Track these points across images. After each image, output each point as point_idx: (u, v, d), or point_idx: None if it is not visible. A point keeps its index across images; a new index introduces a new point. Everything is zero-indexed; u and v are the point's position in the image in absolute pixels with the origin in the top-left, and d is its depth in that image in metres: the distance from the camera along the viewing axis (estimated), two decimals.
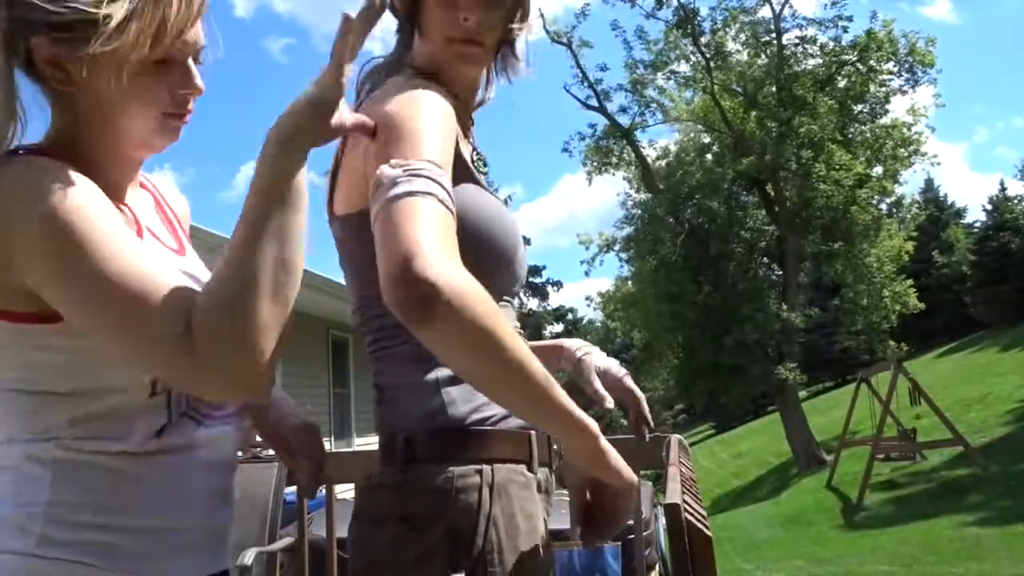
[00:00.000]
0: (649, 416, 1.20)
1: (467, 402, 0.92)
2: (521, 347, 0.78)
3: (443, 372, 0.93)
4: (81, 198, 0.79)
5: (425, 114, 0.89)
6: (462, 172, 0.97)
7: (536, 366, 0.80)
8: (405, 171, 0.81)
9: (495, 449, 0.92)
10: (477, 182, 1.01)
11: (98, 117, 0.88)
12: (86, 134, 0.89)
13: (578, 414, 0.86)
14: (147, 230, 0.94)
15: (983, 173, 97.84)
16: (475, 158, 1.07)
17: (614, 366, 1.23)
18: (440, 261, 0.73)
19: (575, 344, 1.26)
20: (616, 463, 0.91)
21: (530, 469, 0.95)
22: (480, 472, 0.89)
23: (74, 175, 0.81)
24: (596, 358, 1.23)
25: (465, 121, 1.06)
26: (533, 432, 0.96)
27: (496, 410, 0.93)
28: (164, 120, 0.90)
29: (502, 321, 0.76)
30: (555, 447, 1.03)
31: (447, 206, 0.80)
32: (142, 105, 0.88)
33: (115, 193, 0.90)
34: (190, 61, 0.90)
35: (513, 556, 0.89)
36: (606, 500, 0.96)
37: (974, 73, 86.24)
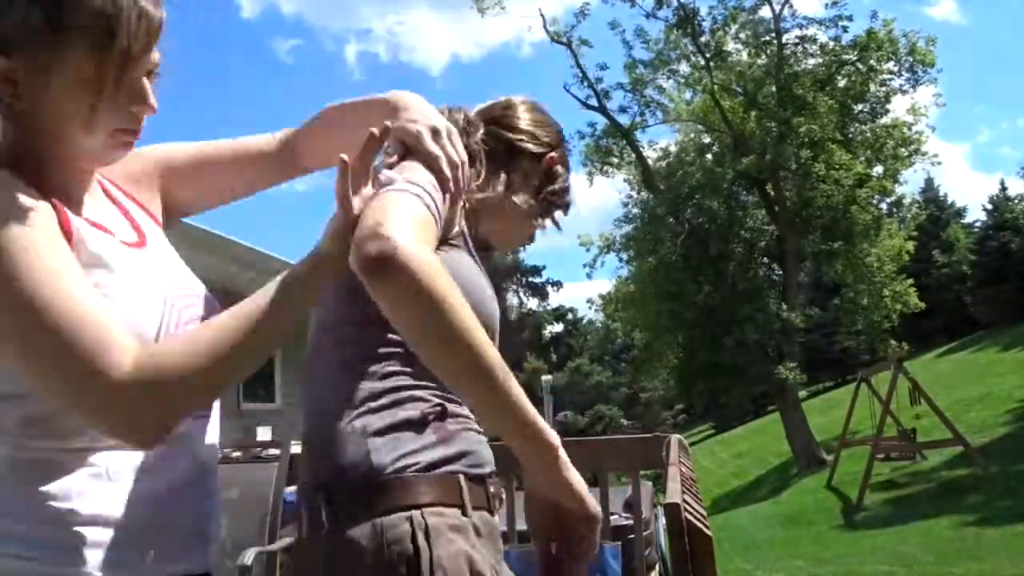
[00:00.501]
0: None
1: (391, 451, 0.89)
2: (475, 326, 0.80)
3: (371, 420, 0.90)
4: (21, 225, 0.79)
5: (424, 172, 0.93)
6: (459, 240, 1.02)
7: (492, 351, 0.81)
8: (403, 178, 0.86)
9: (420, 495, 0.87)
10: (472, 255, 1.03)
11: (49, 133, 0.87)
12: (36, 149, 0.88)
13: (535, 415, 0.84)
14: (100, 230, 0.91)
15: (986, 173, 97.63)
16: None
17: None
18: (405, 230, 0.78)
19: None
20: (577, 485, 0.89)
21: (464, 513, 0.90)
22: (410, 519, 0.85)
23: (20, 196, 0.81)
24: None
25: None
26: (462, 475, 0.92)
27: (421, 458, 0.89)
28: (116, 135, 0.90)
29: (457, 295, 0.79)
30: (492, 490, 0.98)
31: (432, 212, 0.85)
32: (96, 124, 0.87)
33: (69, 201, 0.89)
34: (144, 80, 0.89)
35: None
36: (568, 537, 0.92)
37: (979, 73, 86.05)
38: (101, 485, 0.84)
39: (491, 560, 0.92)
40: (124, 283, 0.87)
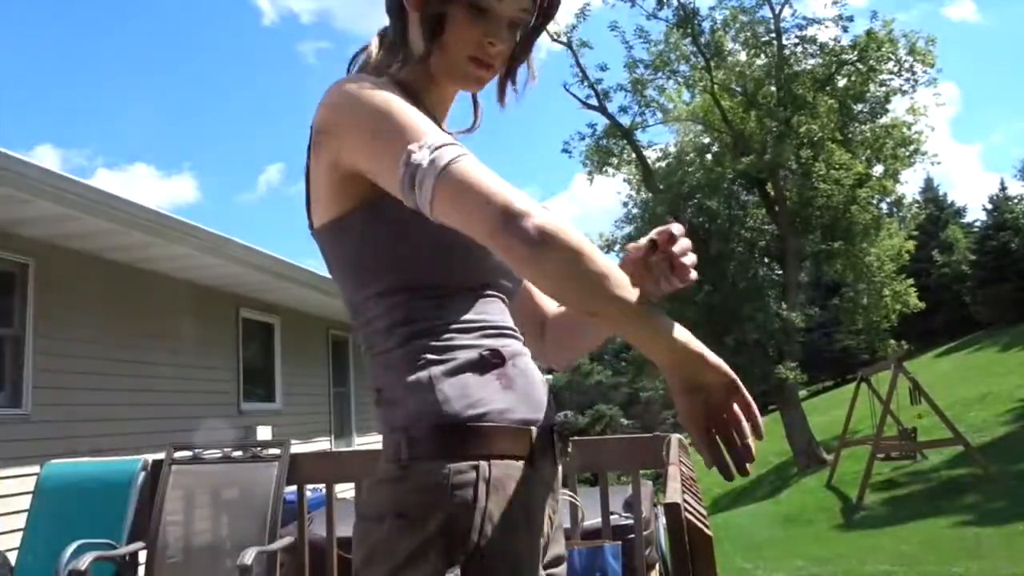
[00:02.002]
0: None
1: (462, 398, 0.93)
2: (614, 268, 0.86)
3: (435, 370, 0.94)
4: None
5: (395, 103, 0.94)
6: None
7: (627, 285, 0.85)
8: (430, 149, 0.86)
9: (493, 445, 0.92)
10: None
11: None
12: None
13: (667, 323, 0.86)
14: None
15: (998, 173, 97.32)
16: None
17: None
18: (527, 203, 0.83)
19: None
20: (713, 357, 0.86)
21: (531, 465, 0.96)
22: (476, 468, 0.90)
23: None
24: None
25: None
26: (534, 428, 0.97)
27: (493, 406, 0.94)
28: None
29: (592, 247, 0.85)
30: (560, 445, 1.02)
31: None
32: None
33: None
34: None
35: (509, 551, 0.89)
36: (718, 413, 0.87)
37: (998, 74, 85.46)
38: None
39: (550, 512, 1.00)
40: None
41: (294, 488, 3.05)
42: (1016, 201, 32.57)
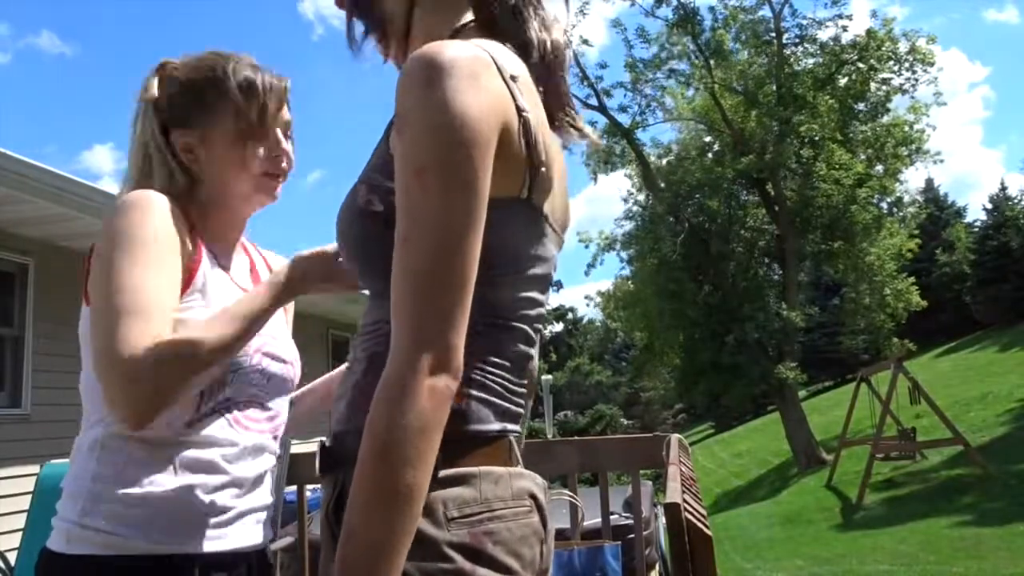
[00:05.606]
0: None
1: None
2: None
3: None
4: (152, 226, 1.02)
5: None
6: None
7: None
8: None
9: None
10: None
11: (212, 179, 1.16)
12: (200, 196, 1.16)
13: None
14: (220, 268, 1.17)
15: (1019, 173, 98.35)
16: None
17: None
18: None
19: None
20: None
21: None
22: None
23: (168, 211, 1.05)
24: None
25: None
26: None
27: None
28: (262, 179, 1.18)
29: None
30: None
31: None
32: (244, 164, 1.16)
33: (211, 239, 1.17)
34: (279, 132, 1.20)
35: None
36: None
37: None
38: (163, 471, 1.02)
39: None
40: (207, 310, 1.07)
41: (294, 488, 3.05)
42: (1016, 200, 32.56)
